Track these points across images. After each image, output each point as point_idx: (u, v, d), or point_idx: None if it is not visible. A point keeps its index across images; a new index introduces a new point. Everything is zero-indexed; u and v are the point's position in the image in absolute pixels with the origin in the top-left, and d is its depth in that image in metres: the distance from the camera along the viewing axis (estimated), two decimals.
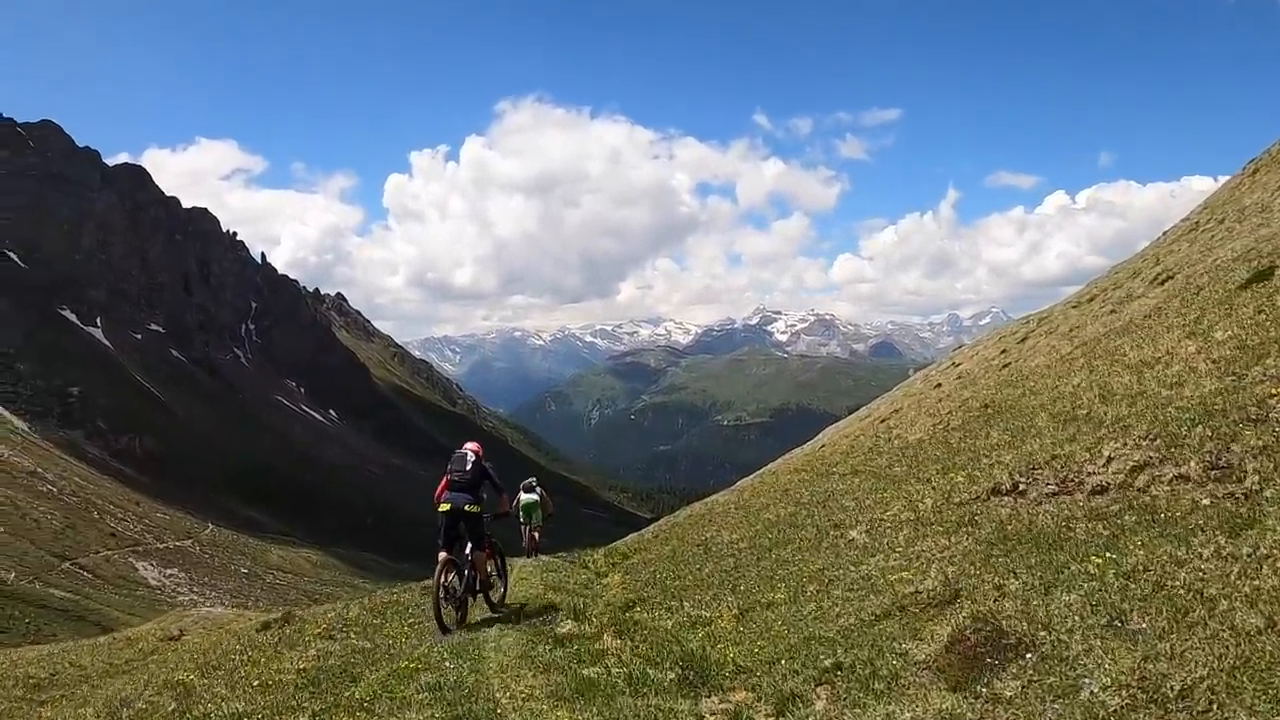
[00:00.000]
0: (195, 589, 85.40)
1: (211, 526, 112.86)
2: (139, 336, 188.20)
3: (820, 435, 33.60)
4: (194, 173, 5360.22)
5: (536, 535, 20.05)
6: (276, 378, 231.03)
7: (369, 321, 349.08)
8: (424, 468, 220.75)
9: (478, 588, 11.59)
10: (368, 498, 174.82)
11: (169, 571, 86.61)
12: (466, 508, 10.98)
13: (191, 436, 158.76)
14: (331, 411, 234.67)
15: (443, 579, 10.74)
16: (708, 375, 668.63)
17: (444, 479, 11.31)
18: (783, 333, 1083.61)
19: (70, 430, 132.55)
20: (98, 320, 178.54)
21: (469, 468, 11.25)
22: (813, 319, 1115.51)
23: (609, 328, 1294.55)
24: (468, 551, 11.21)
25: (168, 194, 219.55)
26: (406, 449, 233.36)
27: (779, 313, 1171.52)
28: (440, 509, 11.04)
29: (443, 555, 10.85)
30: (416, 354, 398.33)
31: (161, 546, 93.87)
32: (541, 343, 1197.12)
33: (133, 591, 75.58)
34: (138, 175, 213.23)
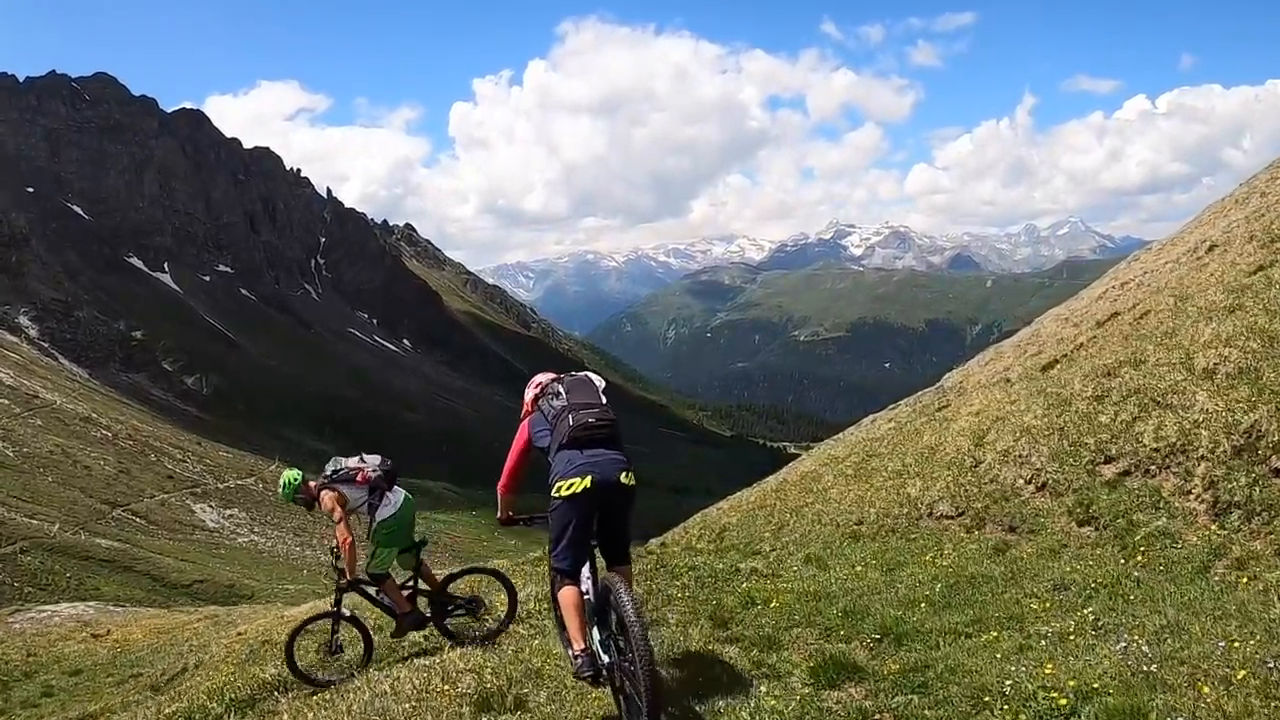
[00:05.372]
0: (256, 529, 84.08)
1: (278, 462, 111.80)
2: (207, 278, 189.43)
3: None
4: (258, 115, 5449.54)
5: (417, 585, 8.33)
6: (348, 310, 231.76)
7: (439, 250, 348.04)
8: (498, 393, 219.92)
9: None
10: (441, 425, 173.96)
11: (229, 512, 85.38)
12: (622, 478, 5.11)
13: (262, 373, 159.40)
14: (405, 341, 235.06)
15: (597, 630, 5.18)
16: (783, 291, 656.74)
17: (554, 422, 5.35)
18: (857, 246, 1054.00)
19: (133, 374, 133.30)
20: (165, 265, 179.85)
21: (605, 401, 5.45)
22: (887, 231, 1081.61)
23: (682, 246, 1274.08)
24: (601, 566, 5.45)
25: (229, 136, 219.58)
26: (482, 375, 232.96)
27: (853, 226, 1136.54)
28: (570, 488, 5.02)
29: (571, 589, 5.18)
30: (489, 281, 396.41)
31: (222, 486, 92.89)
32: (615, 264, 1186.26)
33: (188, 536, 74.14)
34: (195, 119, 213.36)
